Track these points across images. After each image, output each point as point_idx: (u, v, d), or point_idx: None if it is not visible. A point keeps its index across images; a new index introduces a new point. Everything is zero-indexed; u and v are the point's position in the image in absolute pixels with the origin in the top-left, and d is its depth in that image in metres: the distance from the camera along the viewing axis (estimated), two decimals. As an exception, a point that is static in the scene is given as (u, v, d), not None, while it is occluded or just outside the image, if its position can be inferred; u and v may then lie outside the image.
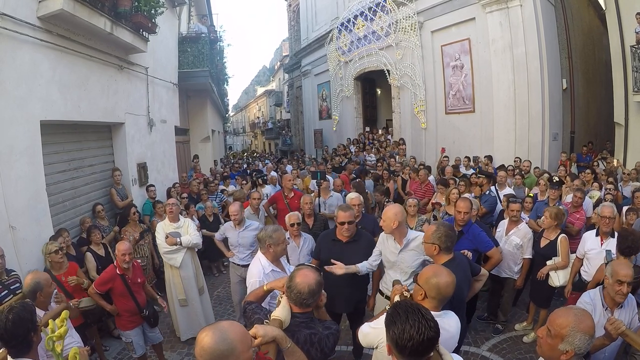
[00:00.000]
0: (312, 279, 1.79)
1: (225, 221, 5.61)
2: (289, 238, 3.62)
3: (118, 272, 3.28)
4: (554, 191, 4.93)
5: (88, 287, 3.47)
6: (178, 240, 4.04)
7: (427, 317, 1.36)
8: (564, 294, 3.72)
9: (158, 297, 3.78)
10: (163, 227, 4.16)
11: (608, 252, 3.22)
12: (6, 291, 3.01)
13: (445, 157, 8.76)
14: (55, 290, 2.84)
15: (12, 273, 3.21)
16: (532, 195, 5.38)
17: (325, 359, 1.77)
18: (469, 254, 3.08)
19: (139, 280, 3.47)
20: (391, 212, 2.87)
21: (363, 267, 3.05)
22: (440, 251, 2.44)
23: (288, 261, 3.38)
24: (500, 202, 5.39)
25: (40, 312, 2.55)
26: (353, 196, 4.27)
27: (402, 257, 2.91)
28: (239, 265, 4.19)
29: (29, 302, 2.15)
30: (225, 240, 4.42)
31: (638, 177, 6.13)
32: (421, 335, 1.31)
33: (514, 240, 4.01)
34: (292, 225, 3.76)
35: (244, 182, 8.01)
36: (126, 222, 5.02)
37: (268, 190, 6.78)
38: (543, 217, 4.03)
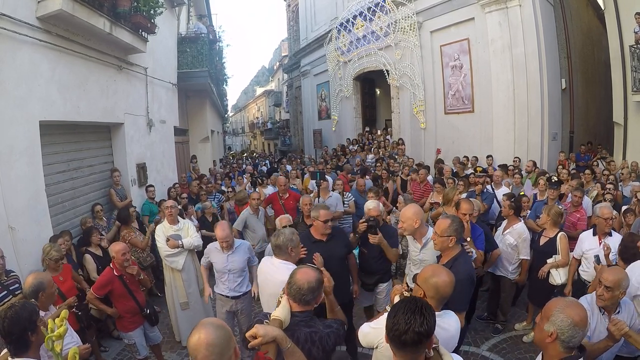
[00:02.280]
0: (312, 276, 1.82)
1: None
2: None
3: (116, 273, 3.25)
4: (553, 191, 4.94)
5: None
6: (180, 242, 3.97)
7: (425, 314, 1.36)
8: (565, 293, 3.72)
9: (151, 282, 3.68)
10: (163, 230, 4.07)
11: (596, 257, 3.26)
12: (5, 292, 3.01)
13: (440, 159, 8.78)
14: None
15: (12, 274, 3.20)
16: (523, 193, 5.38)
17: (327, 357, 1.77)
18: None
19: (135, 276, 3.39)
20: (410, 212, 2.91)
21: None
22: (456, 243, 2.49)
23: None
24: (497, 201, 5.40)
25: (41, 313, 2.55)
26: (371, 206, 4.09)
27: (423, 256, 2.97)
28: (227, 297, 3.50)
29: (33, 301, 2.15)
30: (210, 266, 3.69)
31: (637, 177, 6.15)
32: (408, 325, 1.33)
33: (508, 239, 3.99)
34: (284, 227, 3.68)
35: (243, 180, 8.02)
36: (124, 221, 4.99)
37: (269, 190, 6.77)
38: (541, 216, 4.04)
